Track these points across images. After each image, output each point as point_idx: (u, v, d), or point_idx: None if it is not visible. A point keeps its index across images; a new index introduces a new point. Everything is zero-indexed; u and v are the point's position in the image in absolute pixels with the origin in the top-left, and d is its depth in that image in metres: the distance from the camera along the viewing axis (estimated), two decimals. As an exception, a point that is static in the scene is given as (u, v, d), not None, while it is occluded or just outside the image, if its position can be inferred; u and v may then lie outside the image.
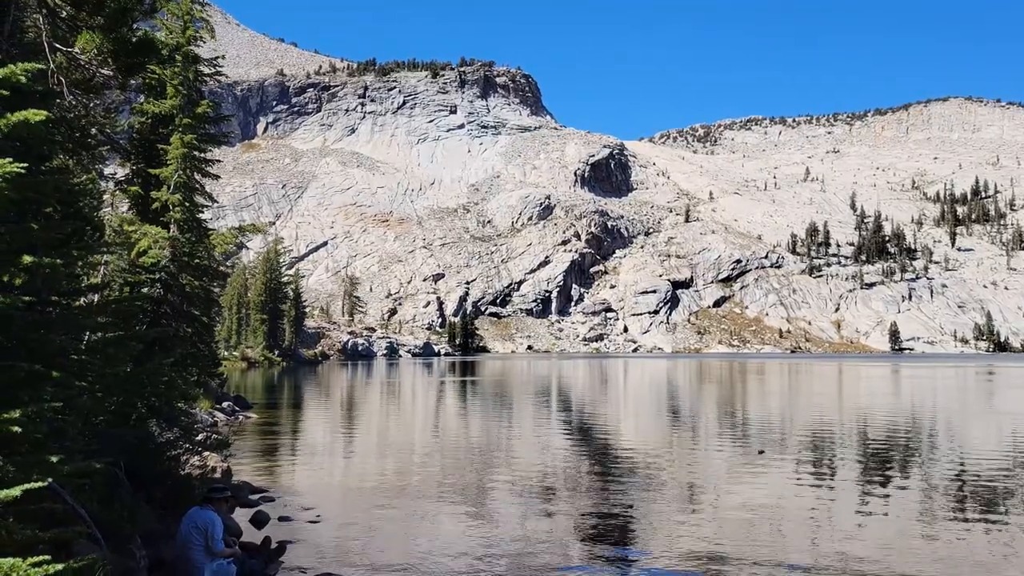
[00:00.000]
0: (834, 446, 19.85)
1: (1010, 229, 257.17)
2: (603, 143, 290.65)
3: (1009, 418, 27.62)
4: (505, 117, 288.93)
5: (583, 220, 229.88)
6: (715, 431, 23.56)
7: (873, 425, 24.92)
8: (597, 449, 19.70)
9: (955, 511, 12.16)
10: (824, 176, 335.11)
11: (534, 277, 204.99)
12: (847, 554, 9.86)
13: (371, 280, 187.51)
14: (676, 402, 36.24)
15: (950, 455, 18.14)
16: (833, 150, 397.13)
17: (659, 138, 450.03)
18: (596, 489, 14.00)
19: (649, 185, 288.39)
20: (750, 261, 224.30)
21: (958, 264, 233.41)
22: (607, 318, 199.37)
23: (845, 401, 37.33)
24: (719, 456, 18.01)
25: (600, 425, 25.70)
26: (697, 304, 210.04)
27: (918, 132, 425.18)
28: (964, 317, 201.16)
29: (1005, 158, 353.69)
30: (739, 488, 14.00)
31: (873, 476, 15.36)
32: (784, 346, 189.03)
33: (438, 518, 11.87)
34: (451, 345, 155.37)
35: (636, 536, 10.91)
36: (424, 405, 34.39)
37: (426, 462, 17.30)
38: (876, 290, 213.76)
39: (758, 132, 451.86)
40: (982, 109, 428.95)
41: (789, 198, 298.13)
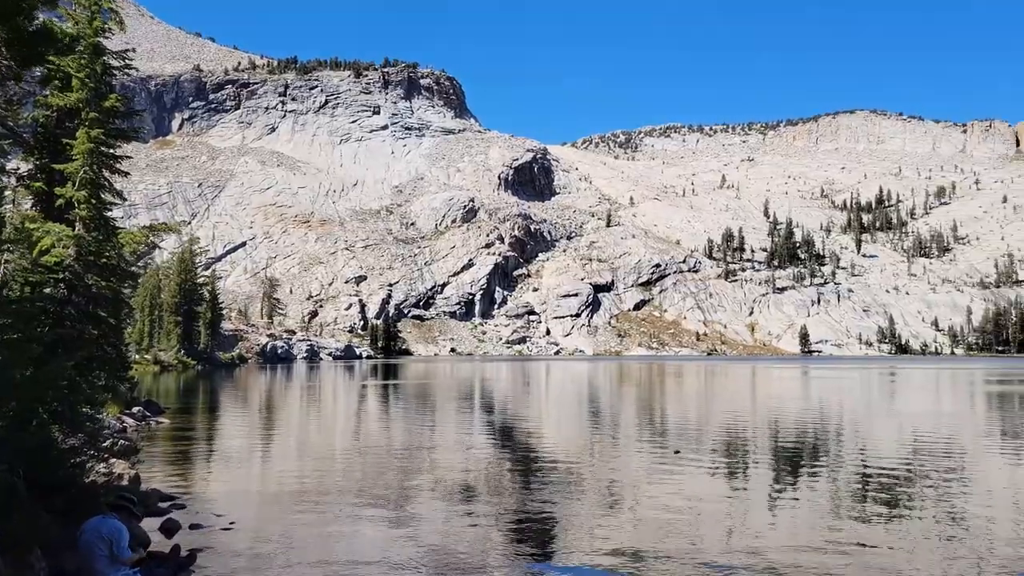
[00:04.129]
0: (747, 446, 20.41)
1: (911, 237, 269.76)
2: (527, 147, 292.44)
3: (909, 418, 28.90)
4: (429, 119, 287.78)
5: (507, 223, 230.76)
6: (634, 432, 23.93)
7: (784, 425, 25.73)
8: (519, 451, 19.77)
9: (860, 506, 12.64)
10: (739, 184, 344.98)
11: (457, 280, 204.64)
12: (760, 549, 10.14)
13: (291, 282, 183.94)
14: (597, 404, 36.68)
15: (855, 453, 18.87)
16: (748, 159, 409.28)
17: (582, 143, 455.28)
18: (518, 490, 14.05)
19: (572, 190, 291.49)
20: (669, 265, 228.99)
21: (863, 270, 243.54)
22: (530, 321, 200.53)
23: (758, 402, 38.44)
24: (638, 456, 18.30)
25: (522, 427, 25.81)
26: (618, 307, 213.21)
27: (827, 143, 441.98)
28: (868, 321, 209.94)
29: (906, 169, 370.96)
30: (656, 487, 14.25)
31: (784, 474, 15.85)
32: (701, 348, 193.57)
33: (358, 523, 11.71)
34: (373, 348, 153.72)
35: (557, 536, 10.98)
36: (345, 409, 33.90)
37: (347, 466, 17.05)
38: (787, 294, 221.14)
39: (677, 140, 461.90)
40: (886, 122, 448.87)
41: (706, 204, 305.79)
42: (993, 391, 45.09)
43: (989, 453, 18.99)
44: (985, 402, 37.34)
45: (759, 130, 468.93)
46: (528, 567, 9.53)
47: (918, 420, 27.51)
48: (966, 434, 23.05)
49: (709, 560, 9.65)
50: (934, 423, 26.35)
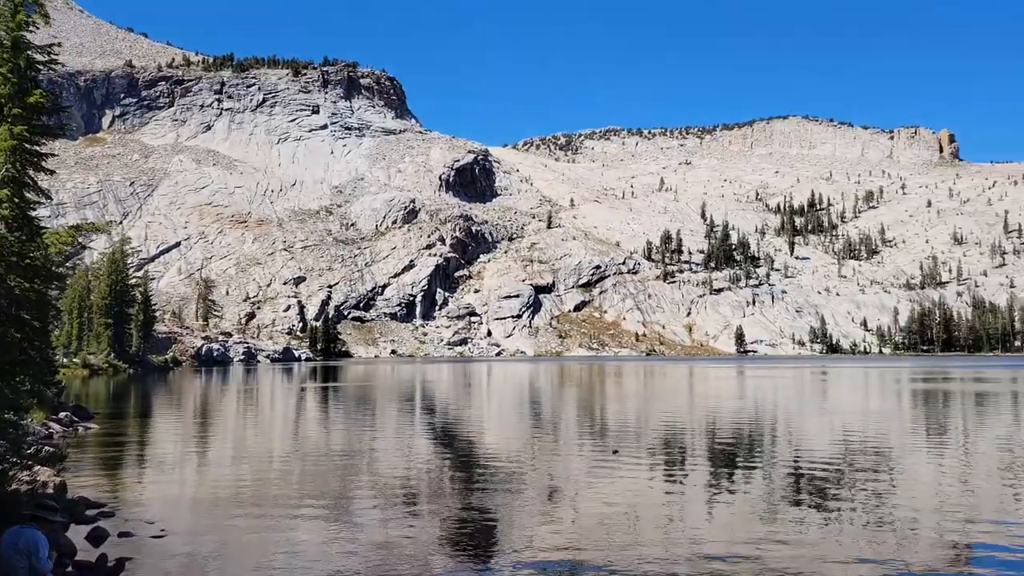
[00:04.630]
0: (685, 444, 20.75)
1: (841, 240, 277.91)
2: (468, 148, 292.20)
3: (839, 416, 29.74)
4: (369, 119, 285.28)
5: (448, 224, 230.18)
6: (574, 432, 24.11)
7: (720, 424, 26.23)
8: (460, 452, 19.74)
9: (793, 502, 12.96)
10: (677, 186, 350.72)
11: (398, 281, 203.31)
12: (697, 545, 10.32)
13: (228, 283, 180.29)
14: (537, 404, 36.84)
15: (788, 450, 19.34)
16: (685, 162, 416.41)
17: (523, 145, 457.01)
18: (459, 491, 14.03)
19: (513, 191, 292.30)
20: (609, 267, 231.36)
21: (796, 272, 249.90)
22: (471, 322, 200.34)
23: (695, 401, 39.11)
24: (578, 456, 18.45)
25: (463, 428, 25.77)
26: (559, 308, 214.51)
27: (761, 147, 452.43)
28: (801, 321, 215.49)
29: (837, 174, 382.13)
30: (596, 486, 14.39)
31: (720, 471, 16.15)
32: (640, 349, 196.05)
33: (296, 528, 11.53)
34: (312, 350, 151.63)
35: (498, 536, 11.00)
36: (283, 412, 33.37)
37: (285, 471, 16.78)
38: (724, 295, 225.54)
39: (616, 143, 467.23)
40: (817, 128, 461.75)
41: (645, 207, 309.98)
42: (918, 389, 46.73)
43: (914, 449, 19.67)
44: (910, 400, 38.67)
45: (696, 134, 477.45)
46: (469, 567, 9.53)
47: (848, 418, 28.34)
48: (892, 431, 23.83)
49: (648, 556, 9.79)
50: (862, 421, 27.18)
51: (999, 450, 18.97)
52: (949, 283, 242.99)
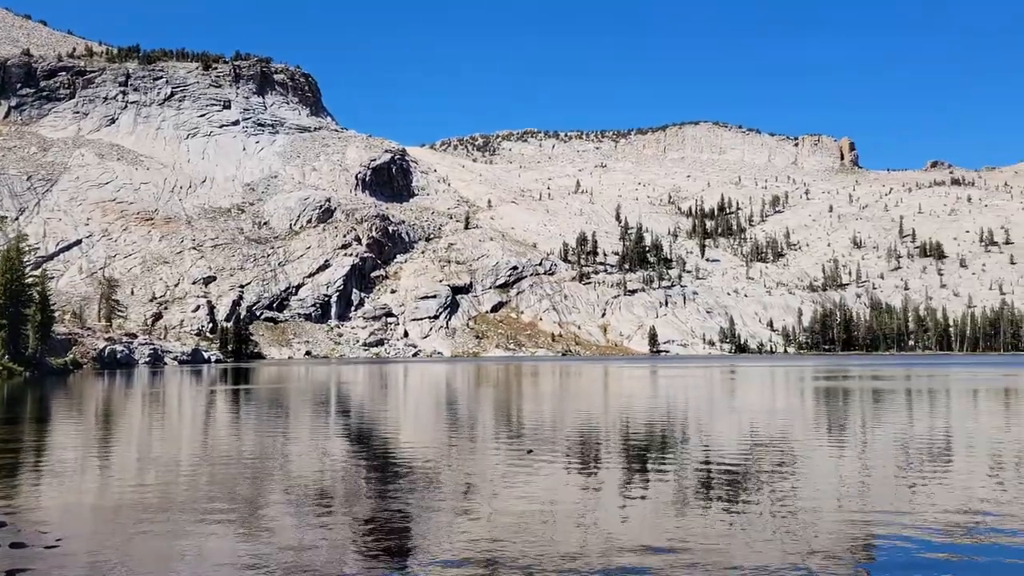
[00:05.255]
0: (599, 443, 21.08)
1: (749, 243, 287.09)
2: (385, 147, 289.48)
3: (747, 414, 30.73)
4: (283, 116, 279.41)
5: (364, 224, 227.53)
6: (490, 432, 24.20)
7: (633, 423, 26.76)
8: (375, 454, 19.56)
9: (703, 500, 13.34)
10: (593, 189, 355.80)
11: (313, 281, 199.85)
12: (611, 544, 10.51)
13: (133, 283, 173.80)
14: (454, 405, 36.81)
15: (699, 449, 19.88)
16: (601, 165, 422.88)
17: (440, 145, 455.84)
18: (374, 494, 13.90)
19: (430, 191, 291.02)
20: (526, 268, 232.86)
21: (707, 273, 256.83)
22: (388, 323, 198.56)
23: (609, 401, 39.78)
24: (494, 456, 18.53)
25: (379, 430, 25.54)
26: (476, 309, 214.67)
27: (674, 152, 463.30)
28: (711, 322, 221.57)
29: (745, 179, 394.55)
30: (511, 487, 14.49)
31: (634, 470, 16.49)
32: (556, 349, 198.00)
33: (205, 535, 11.22)
34: (223, 352, 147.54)
35: (413, 538, 10.96)
36: (192, 416, 32.36)
37: (193, 477, 16.29)
38: (637, 296, 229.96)
39: (534, 144, 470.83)
40: (727, 134, 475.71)
41: (562, 208, 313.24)
42: (820, 387, 48.69)
43: (816, 446, 20.49)
44: (813, 398, 40.26)
45: (612, 138, 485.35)
46: (385, 569, 9.47)
47: (755, 416, 29.31)
48: (797, 428, 24.77)
49: (563, 556, 9.92)
50: (768, 419, 28.15)
51: (895, 446, 19.95)
52: (849, 285, 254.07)
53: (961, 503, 12.61)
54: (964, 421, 26.71)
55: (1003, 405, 34.65)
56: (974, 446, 19.81)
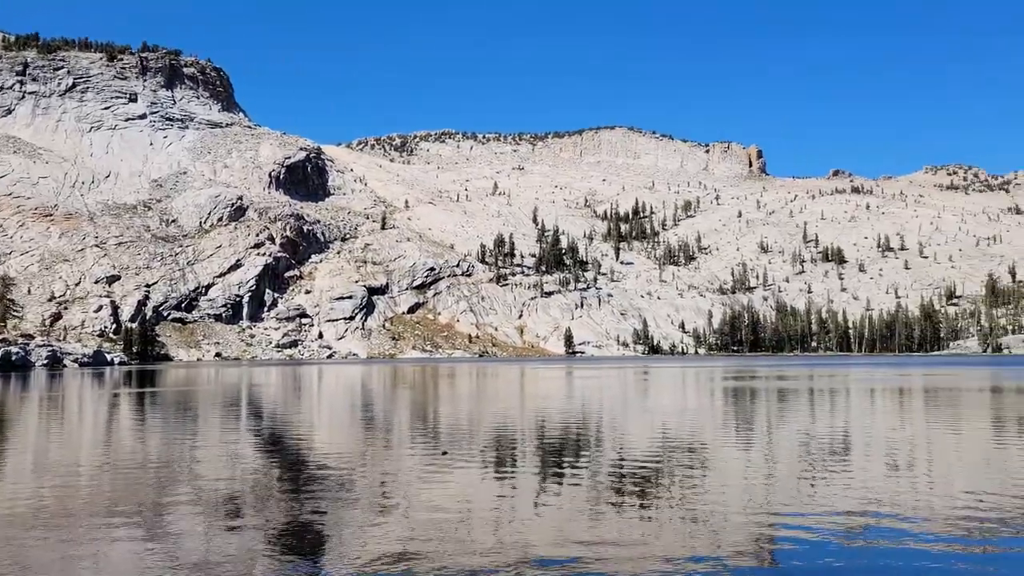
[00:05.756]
0: (514, 445, 21.23)
1: (662, 246, 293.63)
2: (300, 145, 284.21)
3: (660, 415, 31.43)
4: (193, 110, 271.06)
5: (278, 223, 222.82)
6: (406, 435, 24.07)
7: (549, 424, 27.04)
8: (288, 458, 19.21)
9: (617, 500, 13.60)
10: (510, 191, 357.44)
11: (224, 281, 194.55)
12: (527, 545, 10.62)
13: (30, 281, 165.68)
14: (369, 408, 36.44)
15: (613, 449, 20.25)
16: (518, 167, 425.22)
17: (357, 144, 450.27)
18: (286, 499, 13.66)
19: (347, 191, 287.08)
20: (443, 269, 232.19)
21: (621, 276, 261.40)
22: (302, 324, 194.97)
23: (526, 402, 40.06)
24: (409, 459, 18.44)
25: (292, 434, 25.06)
26: (392, 310, 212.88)
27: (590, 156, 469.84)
28: (625, 323, 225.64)
29: (659, 183, 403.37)
30: (426, 489, 14.46)
31: (549, 471, 16.67)
32: (473, 350, 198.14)
33: (107, 543, 10.81)
34: (127, 353, 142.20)
35: (327, 543, 10.82)
36: (93, 421, 31.05)
37: (95, 483, 15.65)
38: (554, 298, 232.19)
39: (451, 145, 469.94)
40: (642, 139, 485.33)
41: (479, 210, 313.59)
42: (728, 387, 50.19)
43: (725, 445, 21.13)
44: (722, 397, 41.47)
45: (529, 140, 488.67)
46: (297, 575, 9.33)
47: (667, 416, 30.00)
48: (706, 428, 25.48)
49: (477, 557, 9.97)
50: (680, 419, 28.87)
51: (798, 444, 20.75)
52: (756, 288, 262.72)
53: (860, 499, 13.23)
54: (862, 420, 27.99)
55: (898, 404, 36.45)
56: (871, 444, 20.79)
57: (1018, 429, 24.33)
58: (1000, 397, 39.93)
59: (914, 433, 23.29)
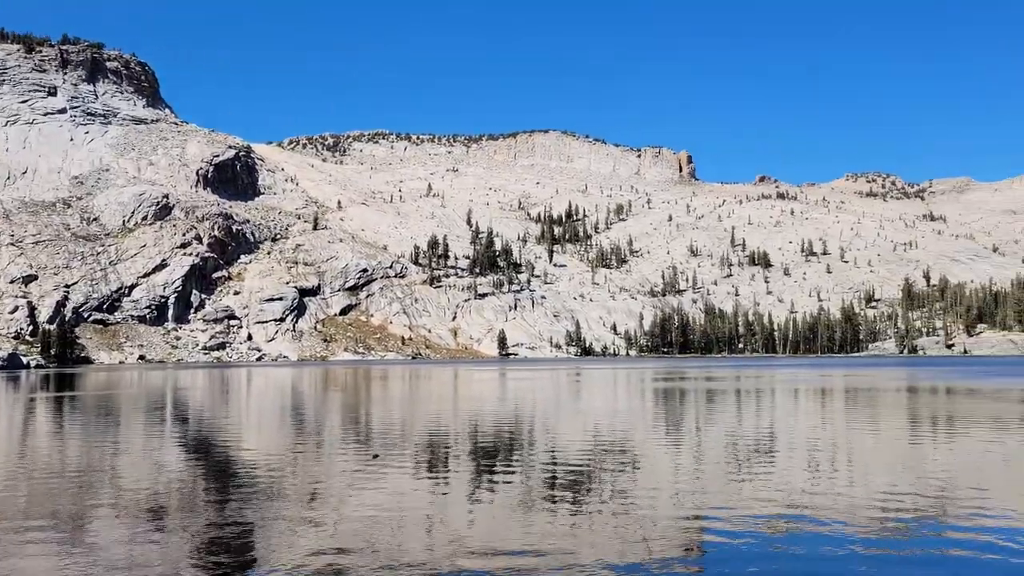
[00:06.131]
0: (447, 447, 21.20)
1: (594, 249, 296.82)
2: (229, 143, 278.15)
3: (592, 415, 31.78)
4: (117, 106, 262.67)
5: (206, 223, 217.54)
6: (337, 438, 23.80)
7: (482, 426, 27.07)
8: (215, 463, 18.78)
9: (549, 500, 13.71)
10: (444, 193, 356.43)
11: (148, 281, 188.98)
12: (458, 543, 10.62)
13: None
14: (300, 411, 35.89)
15: (545, 450, 20.39)
16: (453, 169, 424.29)
17: (288, 143, 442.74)
18: (212, 505, 13.36)
19: (277, 190, 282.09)
20: (376, 270, 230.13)
21: (555, 278, 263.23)
22: (230, 326, 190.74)
23: (459, 404, 40.02)
24: (340, 462, 18.24)
25: (219, 438, 24.50)
26: (324, 312, 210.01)
27: (524, 159, 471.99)
28: (558, 325, 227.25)
29: (592, 187, 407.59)
30: (357, 493, 14.33)
31: (481, 472, 16.70)
32: (406, 353, 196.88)
33: (20, 558, 10.39)
34: (45, 356, 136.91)
35: (255, 548, 10.62)
36: (7, 426, 29.81)
37: (9, 491, 15.02)
38: (487, 300, 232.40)
39: (385, 146, 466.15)
40: (575, 143, 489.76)
41: (413, 211, 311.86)
42: (659, 388, 51.05)
43: (655, 445, 21.49)
44: (652, 398, 42.17)
45: (463, 142, 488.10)
46: (222, 585, 9.14)
47: (599, 417, 30.35)
48: (637, 428, 25.87)
49: (410, 560, 9.92)
50: (611, 420, 29.23)
51: (725, 443, 21.24)
52: (686, 291, 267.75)
53: (783, 498, 13.62)
54: (786, 420, 28.81)
55: (819, 404, 37.64)
56: (794, 444, 21.43)
57: (932, 428, 25.41)
58: (915, 397, 41.61)
59: (835, 433, 24.08)
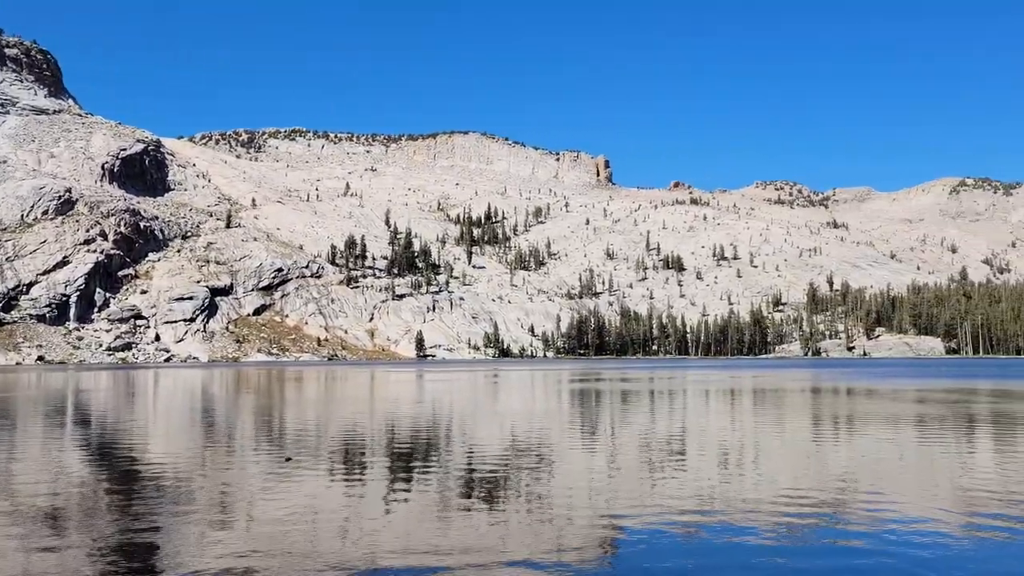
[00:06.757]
0: (363, 449, 20.96)
1: (513, 251, 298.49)
2: (137, 137, 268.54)
3: (509, 417, 31.93)
4: (15, 95, 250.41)
5: (111, 218, 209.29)
6: (249, 441, 23.24)
7: (398, 427, 26.87)
8: (119, 469, 18.07)
9: (466, 501, 13.71)
10: (363, 192, 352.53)
11: (48, 279, 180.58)
12: (373, 546, 10.52)
13: None
14: (210, 414, 34.88)
15: (462, 451, 20.39)
16: (371, 168, 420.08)
17: (200, 139, 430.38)
18: (116, 512, 12.85)
19: (188, 187, 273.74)
20: (291, 270, 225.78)
21: (473, 280, 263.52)
22: (137, 326, 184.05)
23: (375, 406, 39.61)
24: (253, 466, 17.82)
25: (124, 442, 23.58)
26: (237, 312, 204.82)
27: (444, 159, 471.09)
28: (477, 327, 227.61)
29: (511, 189, 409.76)
30: (269, 498, 14.03)
31: (398, 475, 16.57)
32: (322, 354, 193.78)
33: (-97, 568, 9.79)
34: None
35: (159, 559, 10.26)
36: None
37: None
38: (406, 301, 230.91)
39: (302, 144, 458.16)
40: (495, 145, 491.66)
41: (330, 210, 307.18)
42: (575, 389, 51.66)
43: (571, 446, 21.74)
44: (568, 399, 42.64)
45: (382, 142, 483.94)
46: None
47: (516, 418, 30.51)
48: (554, 429, 26.11)
49: (324, 562, 9.77)
50: (528, 421, 29.43)
51: (639, 443, 21.66)
52: (602, 293, 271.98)
53: (695, 497, 13.98)
54: (697, 420, 29.57)
55: (729, 405, 38.77)
56: (705, 444, 22.01)
57: (833, 428, 26.49)
58: (818, 398, 43.30)
59: (743, 433, 24.85)
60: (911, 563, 9.75)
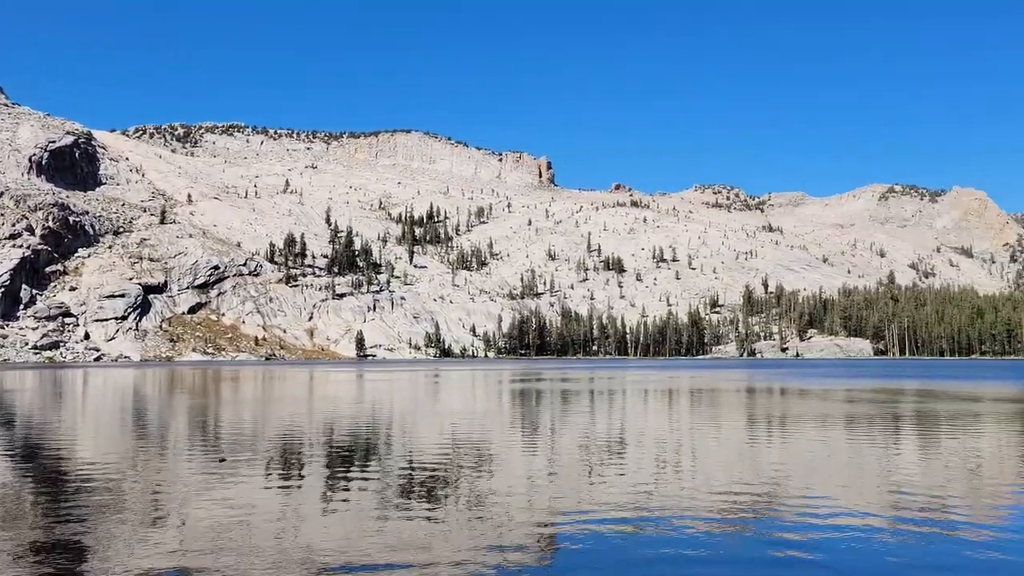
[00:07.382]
0: (301, 450, 20.69)
1: (455, 251, 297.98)
2: (67, 129, 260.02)
3: (449, 417, 31.88)
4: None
5: (39, 212, 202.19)
6: (182, 442, 22.73)
7: (338, 428, 26.59)
8: (46, 470, 17.48)
9: (405, 501, 13.64)
10: (303, 190, 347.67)
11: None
12: (311, 548, 10.39)
13: None
14: (141, 414, 33.99)
15: (402, 452, 20.29)
16: (312, 166, 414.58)
17: (134, 132, 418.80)
18: (43, 515, 12.43)
19: (121, 181, 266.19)
20: (228, 268, 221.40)
21: (415, 279, 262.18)
22: (65, 324, 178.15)
23: (314, 406, 39.11)
24: (186, 467, 17.44)
25: (50, 443, 22.81)
26: (171, 310, 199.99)
27: (386, 158, 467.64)
28: (418, 327, 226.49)
29: (453, 189, 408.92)
30: (203, 499, 13.75)
31: (336, 476, 16.40)
32: (260, 353, 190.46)
33: None
34: None
35: (89, 562, 9.97)
36: None
37: None
38: (346, 300, 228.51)
39: (240, 139, 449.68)
40: (437, 144, 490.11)
41: (269, 208, 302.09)
42: (516, 389, 51.84)
43: (511, 445, 21.82)
44: (509, 399, 42.77)
45: (323, 139, 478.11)
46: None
47: (456, 418, 30.48)
48: (494, 429, 26.17)
49: (259, 563, 9.63)
50: (469, 421, 29.44)
51: (579, 443, 21.85)
52: (544, 294, 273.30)
53: (634, 495, 14.17)
54: (636, 419, 29.97)
55: (667, 404, 39.38)
56: (643, 442, 22.32)
57: (767, 427, 27.14)
58: (752, 398, 44.29)
59: (680, 432, 25.28)
60: (839, 555, 10.07)
